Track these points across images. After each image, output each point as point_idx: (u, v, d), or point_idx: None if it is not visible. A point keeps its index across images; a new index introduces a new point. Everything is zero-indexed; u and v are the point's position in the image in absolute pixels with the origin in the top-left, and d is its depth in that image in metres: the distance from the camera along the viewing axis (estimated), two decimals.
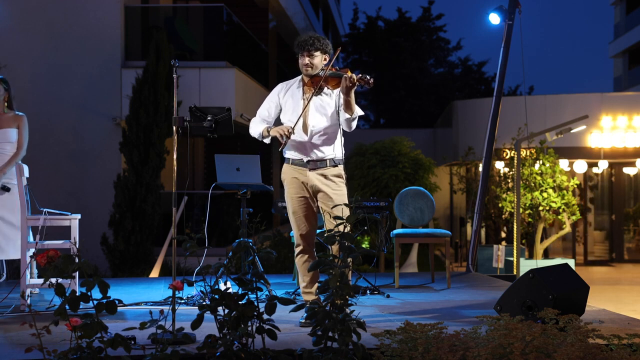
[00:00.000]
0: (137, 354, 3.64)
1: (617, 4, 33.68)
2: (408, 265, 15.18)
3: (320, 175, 4.83)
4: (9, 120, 6.18)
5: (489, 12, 8.55)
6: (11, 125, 6.16)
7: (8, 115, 6.20)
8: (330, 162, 4.85)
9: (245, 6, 16.88)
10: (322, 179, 4.82)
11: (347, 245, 3.68)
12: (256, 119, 5.01)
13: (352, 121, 4.76)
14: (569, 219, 14.04)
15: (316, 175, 4.83)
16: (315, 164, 4.83)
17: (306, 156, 4.84)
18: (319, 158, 4.83)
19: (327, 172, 4.84)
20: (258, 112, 5.02)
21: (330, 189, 4.81)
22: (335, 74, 4.77)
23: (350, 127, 4.80)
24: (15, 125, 6.19)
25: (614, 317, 5.04)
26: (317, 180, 4.82)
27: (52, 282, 3.36)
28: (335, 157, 4.87)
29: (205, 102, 11.65)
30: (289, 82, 5.02)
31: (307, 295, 4.86)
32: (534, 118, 14.75)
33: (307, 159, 4.84)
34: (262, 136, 4.93)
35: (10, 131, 6.15)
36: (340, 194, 4.83)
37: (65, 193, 11.81)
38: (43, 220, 5.57)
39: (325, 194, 4.81)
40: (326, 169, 4.84)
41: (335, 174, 4.85)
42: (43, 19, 12.21)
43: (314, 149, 4.83)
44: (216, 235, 12.03)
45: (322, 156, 4.84)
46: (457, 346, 3.41)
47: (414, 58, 35.19)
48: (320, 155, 4.84)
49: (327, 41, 4.90)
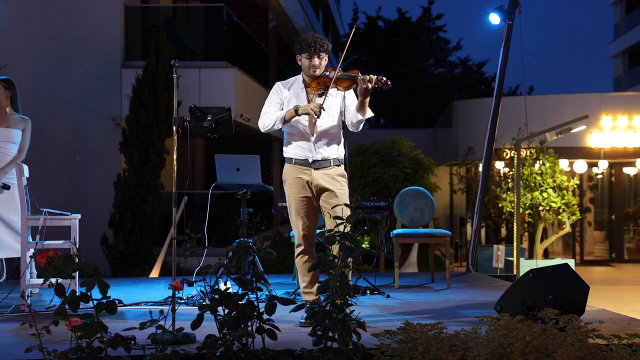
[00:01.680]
0: (137, 354, 3.64)
1: (617, 4, 33.68)
2: (408, 265, 15.18)
3: (325, 174, 4.84)
4: (15, 121, 6.23)
5: (489, 12, 8.54)
6: (17, 126, 6.22)
7: (14, 116, 6.25)
8: (334, 162, 4.88)
9: (245, 6, 16.88)
10: (327, 178, 4.84)
11: (347, 245, 3.68)
12: (268, 110, 4.88)
13: (362, 122, 4.82)
14: (569, 219, 14.04)
15: (321, 175, 4.84)
16: (320, 163, 4.84)
17: (311, 156, 4.84)
18: (323, 158, 4.85)
19: (332, 172, 4.86)
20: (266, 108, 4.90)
21: (336, 187, 4.84)
22: (348, 76, 4.75)
23: (359, 128, 4.86)
24: (21, 128, 6.24)
25: (614, 317, 5.04)
26: (322, 179, 4.83)
27: (52, 282, 3.36)
28: (338, 157, 4.91)
29: (205, 102, 11.65)
30: (288, 81, 5.00)
31: (307, 296, 4.87)
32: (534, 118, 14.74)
33: (312, 158, 4.84)
34: (283, 120, 4.79)
35: (15, 132, 6.19)
36: (343, 193, 4.86)
37: (65, 193, 11.81)
38: (43, 220, 5.57)
39: (331, 192, 4.82)
40: (330, 168, 4.86)
41: (339, 174, 4.89)
42: (43, 19, 12.21)
43: (320, 149, 4.84)
44: (216, 235, 12.03)
45: (327, 156, 4.86)
46: (457, 346, 3.41)
47: (414, 58, 35.19)
48: (325, 155, 4.85)
49: (328, 41, 4.92)
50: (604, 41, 73.32)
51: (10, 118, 6.22)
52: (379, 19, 36.04)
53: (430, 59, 36.74)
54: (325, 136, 4.85)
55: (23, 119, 6.27)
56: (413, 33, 35.72)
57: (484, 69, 37.19)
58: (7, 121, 6.19)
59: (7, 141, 6.14)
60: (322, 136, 4.85)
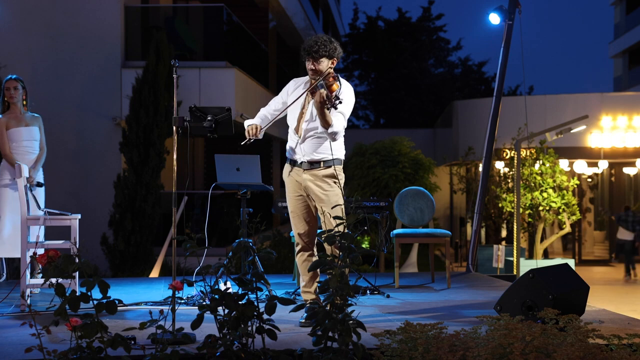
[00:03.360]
0: (137, 354, 3.64)
1: (617, 4, 33.69)
2: (408, 265, 15.19)
3: (312, 175, 4.82)
4: (31, 119, 6.39)
5: (489, 12, 8.54)
6: (34, 123, 6.39)
7: (28, 115, 6.38)
8: (323, 164, 4.82)
9: (245, 6, 16.88)
10: (313, 179, 4.81)
11: (347, 245, 3.68)
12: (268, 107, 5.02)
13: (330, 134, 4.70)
14: (569, 219, 14.04)
15: (308, 176, 4.83)
16: (307, 164, 4.83)
17: (300, 157, 4.85)
18: (311, 160, 4.82)
19: (319, 173, 4.81)
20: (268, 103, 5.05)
21: (321, 189, 4.79)
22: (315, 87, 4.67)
23: (333, 139, 4.74)
24: (38, 125, 6.39)
25: (614, 317, 5.04)
26: (309, 180, 4.83)
27: (52, 282, 3.36)
28: (328, 158, 4.82)
29: (205, 102, 11.65)
30: (301, 80, 4.97)
31: (306, 295, 4.86)
32: (534, 118, 14.75)
33: (300, 160, 4.84)
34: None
35: (35, 129, 6.36)
36: (331, 195, 4.79)
37: (66, 193, 11.81)
38: (43, 220, 5.58)
39: (316, 194, 4.80)
40: (318, 169, 4.81)
41: (327, 175, 4.81)
42: (43, 19, 12.21)
43: (307, 151, 4.82)
44: (216, 235, 12.03)
45: (314, 157, 4.82)
46: (457, 346, 3.41)
47: (414, 58, 35.19)
48: (312, 156, 4.82)
49: (334, 45, 4.77)
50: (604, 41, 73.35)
51: (26, 116, 6.35)
52: (379, 19, 36.04)
53: (430, 59, 36.74)
54: (312, 138, 4.79)
55: (35, 116, 6.41)
56: (413, 33, 35.72)
57: (484, 69, 37.21)
58: (25, 120, 6.34)
59: (31, 139, 6.33)
60: (310, 137, 4.80)
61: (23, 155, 6.25)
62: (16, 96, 6.25)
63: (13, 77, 6.29)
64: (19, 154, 6.24)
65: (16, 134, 6.26)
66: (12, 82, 6.26)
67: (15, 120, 6.28)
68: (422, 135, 24.49)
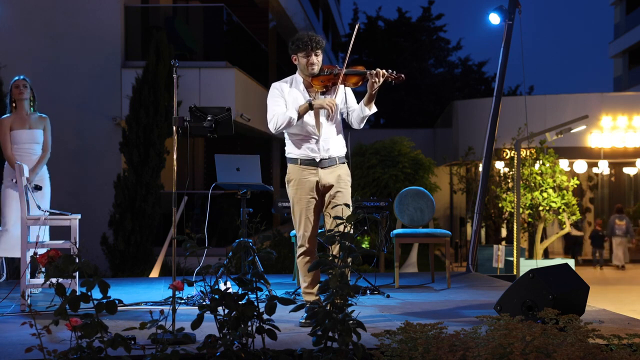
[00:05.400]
0: (137, 354, 3.64)
1: (617, 4, 33.69)
2: (408, 265, 15.19)
3: (332, 172, 4.84)
4: (36, 121, 6.38)
5: (489, 12, 8.54)
6: (38, 126, 6.38)
7: (34, 116, 6.38)
8: (339, 160, 4.89)
9: (245, 6, 16.87)
10: (334, 176, 4.84)
11: (347, 245, 3.68)
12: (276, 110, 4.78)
13: (367, 118, 4.87)
14: (569, 219, 14.04)
15: (328, 173, 4.83)
16: (326, 162, 4.83)
17: (318, 155, 4.82)
18: (330, 156, 4.84)
19: (338, 170, 4.87)
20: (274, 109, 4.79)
21: (341, 186, 4.84)
22: (356, 72, 4.75)
23: (362, 125, 4.90)
24: (42, 127, 6.38)
25: (614, 317, 5.04)
26: (331, 177, 4.82)
27: (52, 282, 3.36)
28: (343, 155, 4.93)
29: (205, 102, 11.64)
30: (285, 81, 4.94)
31: (307, 296, 4.85)
32: (534, 118, 14.75)
33: (319, 157, 4.82)
34: (299, 116, 4.74)
35: (37, 132, 6.35)
36: (347, 193, 4.88)
37: (65, 193, 11.80)
38: (43, 220, 5.58)
39: (337, 190, 4.83)
40: (337, 166, 4.86)
41: (345, 172, 4.91)
42: (43, 19, 12.21)
43: (326, 148, 4.83)
44: (216, 235, 12.03)
45: (332, 154, 4.85)
46: (457, 346, 3.41)
47: (414, 58, 35.20)
48: (331, 153, 4.84)
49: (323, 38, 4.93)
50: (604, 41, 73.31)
51: (31, 118, 6.37)
52: (379, 19, 36.06)
53: (430, 59, 36.75)
54: (331, 134, 4.85)
55: (41, 117, 6.43)
56: (413, 33, 35.73)
57: (484, 69, 37.23)
58: (29, 122, 6.35)
59: (32, 142, 6.33)
60: (327, 134, 4.84)
61: (24, 158, 6.26)
62: (24, 93, 6.31)
63: (22, 77, 6.37)
64: (20, 156, 6.26)
65: (18, 136, 6.29)
66: (21, 80, 6.37)
67: (20, 121, 6.32)
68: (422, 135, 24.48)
